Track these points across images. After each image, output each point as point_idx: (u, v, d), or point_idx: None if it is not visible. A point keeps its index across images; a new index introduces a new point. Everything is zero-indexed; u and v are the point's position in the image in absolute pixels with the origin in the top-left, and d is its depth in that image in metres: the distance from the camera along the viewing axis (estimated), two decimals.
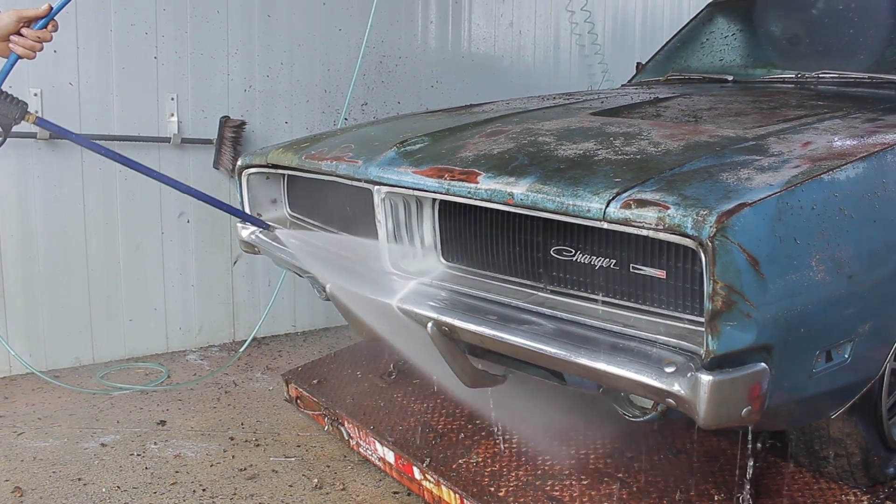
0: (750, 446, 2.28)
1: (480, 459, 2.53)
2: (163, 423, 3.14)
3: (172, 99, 3.75)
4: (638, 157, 1.83)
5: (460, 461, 2.53)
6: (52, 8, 2.13)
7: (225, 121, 3.84)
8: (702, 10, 3.75)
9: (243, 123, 3.87)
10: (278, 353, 4.01)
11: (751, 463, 2.22)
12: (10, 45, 2.06)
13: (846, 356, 1.76)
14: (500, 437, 2.63)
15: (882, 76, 2.79)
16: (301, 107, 4.13)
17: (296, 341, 4.20)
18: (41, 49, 2.12)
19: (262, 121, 4.00)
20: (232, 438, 3.02)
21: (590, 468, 2.42)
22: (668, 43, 3.75)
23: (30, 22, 2.06)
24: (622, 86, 3.67)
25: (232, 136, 3.84)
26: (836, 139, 1.92)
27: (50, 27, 2.10)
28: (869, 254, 1.73)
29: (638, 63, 3.80)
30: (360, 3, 4.13)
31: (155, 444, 2.95)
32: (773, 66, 3.20)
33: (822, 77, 2.93)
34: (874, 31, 3.05)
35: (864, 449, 2.10)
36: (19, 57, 2.09)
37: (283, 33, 4.04)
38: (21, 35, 2.06)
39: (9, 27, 2.04)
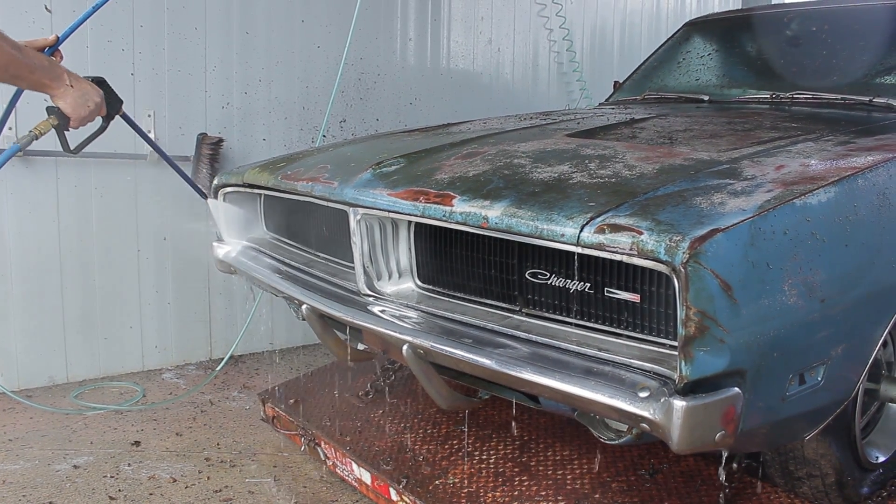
0: (725, 467, 2.30)
1: (457, 480, 2.51)
2: (137, 443, 3.10)
3: (149, 115, 3.73)
4: (612, 180, 1.84)
5: (437, 482, 2.52)
6: (59, 38, 2.27)
7: (202, 138, 3.82)
8: (679, 30, 3.79)
9: (221, 140, 3.85)
10: (255, 371, 3.98)
11: (725, 482, 2.24)
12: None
13: (819, 379, 1.76)
14: (478, 458, 2.62)
15: (854, 97, 2.83)
16: (279, 124, 4.11)
17: (273, 359, 4.17)
18: None
19: (240, 138, 3.99)
20: (207, 459, 2.99)
21: (567, 489, 2.41)
22: (645, 62, 3.78)
23: (39, 51, 2.13)
24: (599, 105, 3.70)
25: (209, 153, 3.81)
26: (808, 162, 1.93)
27: (57, 57, 2.21)
28: (841, 277, 1.74)
29: (615, 82, 3.82)
30: (339, 21, 4.13)
31: (129, 465, 2.91)
32: (748, 86, 3.23)
33: (797, 98, 2.97)
34: (846, 54, 3.09)
35: (837, 469, 2.10)
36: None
37: (262, 50, 4.03)
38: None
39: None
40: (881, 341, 1.95)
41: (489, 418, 2.86)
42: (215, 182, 2.80)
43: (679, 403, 1.49)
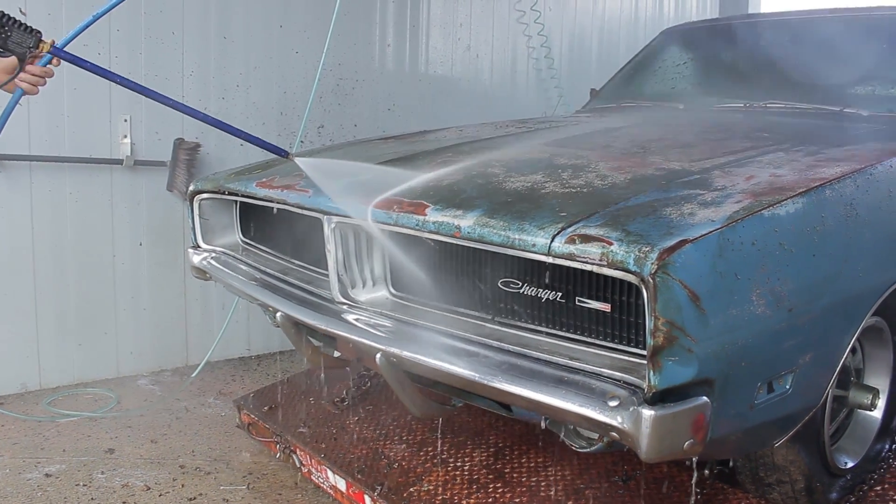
0: (697, 473, 2.32)
1: (432, 487, 2.52)
2: (111, 451, 3.08)
3: (126, 120, 3.71)
4: (585, 190, 1.85)
5: (412, 489, 2.52)
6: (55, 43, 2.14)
7: (179, 143, 3.81)
8: (656, 38, 3.82)
9: (198, 146, 3.84)
10: (231, 377, 3.97)
11: (697, 489, 2.26)
12: (17, 81, 2.07)
13: (787, 387, 1.78)
14: (452, 465, 2.63)
15: (825, 107, 2.87)
16: (257, 129, 4.09)
17: (249, 365, 4.15)
18: (44, 84, 2.13)
19: (217, 143, 3.97)
20: (182, 466, 2.98)
21: (541, 496, 2.42)
22: (622, 70, 3.80)
23: (34, 58, 2.08)
24: (576, 112, 3.72)
25: (186, 158, 3.80)
26: (778, 173, 1.95)
27: (54, 62, 2.12)
28: (809, 287, 1.76)
29: (592, 89, 3.84)
30: (317, 26, 4.13)
31: (102, 473, 2.89)
32: (723, 95, 3.26)
33: (770, 107, 3.00)
34: (819, 64, 3.12)
35: (806, 476, 2.12)
36: (24, 92, 2.09)
37: (240, 55, 4.02)
38: (25, 71, 2.06)
39: (14, 63, 2.06)
40: (849, 348, 1.97)
41: (464, 425, 2.87)
42: (190, 188, 2.79)
43: (647, 413, 1.50)
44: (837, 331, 1.91)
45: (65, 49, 2.14)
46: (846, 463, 2.29)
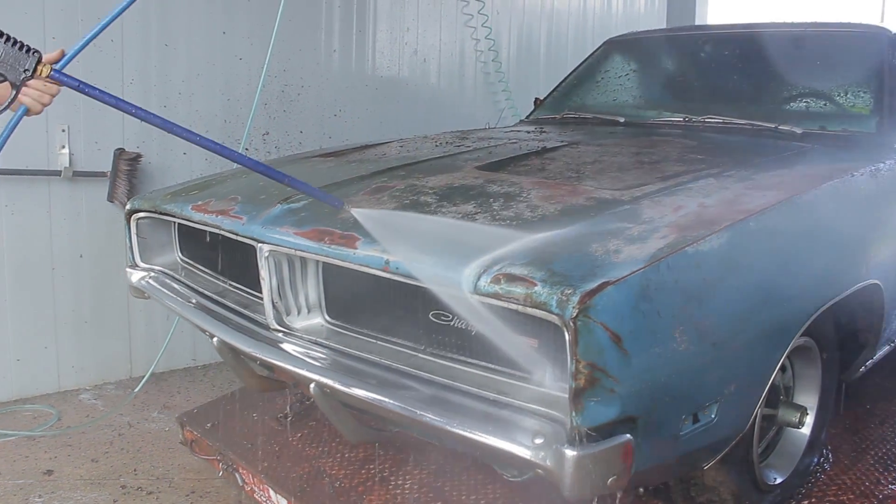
0: (633, 491, 2.35)
1: None
2: (50, 472, 3.04)
3: (63, 130, 3.65)
4: (514, 223, 1.86)
5: None
6: (64, 53, 1.92)
7: (120, 153, 3.75)
8: (599, 47, 3.83)
9: (139, 156, 3.79)
10: (177, 389, 3.93)
11: None
12: (21, 96, 1.86)
13: (713, 416, 1.81)
14: (394, 483, 2.63)
15: (761, 124, 2.91)
16: None
17: (195, 376, 4.12)
18: (48, 102, 1.92)
19: (160, 152, 3.92)
20: (123, 487, 2.95)
21: None
22: (565, 79, 3.82)
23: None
24: (520, 122, 3.73)
25: (127, 168, 3.74)
26: (707, 202, 1.97)
27: (47, 70, 1.85)
28: (732, 320, 1.79)
29: (536, 98, 3.86)
30: (261, 33, 4.08)
31: (39, 497, 2.85)
32: (663, 108, 3.29)
33: (708, 122, 3.04)
34: (757, 79, 3.18)
35: (735, 495, 2.17)
36: (28, 109, 1.88)
37: (182, 62, 3.97)
38: (27, 86, 1.85)
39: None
40: (778, 368, 2.01)
41: (408, 440, 2.87)
42: (126, 207, 2.75)
43: (570, 453, 1.52)
44: (763, 358, 1.95)
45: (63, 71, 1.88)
46: (775, 479, 2.34)
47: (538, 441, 1.59)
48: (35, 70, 1.82)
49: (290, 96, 4.33)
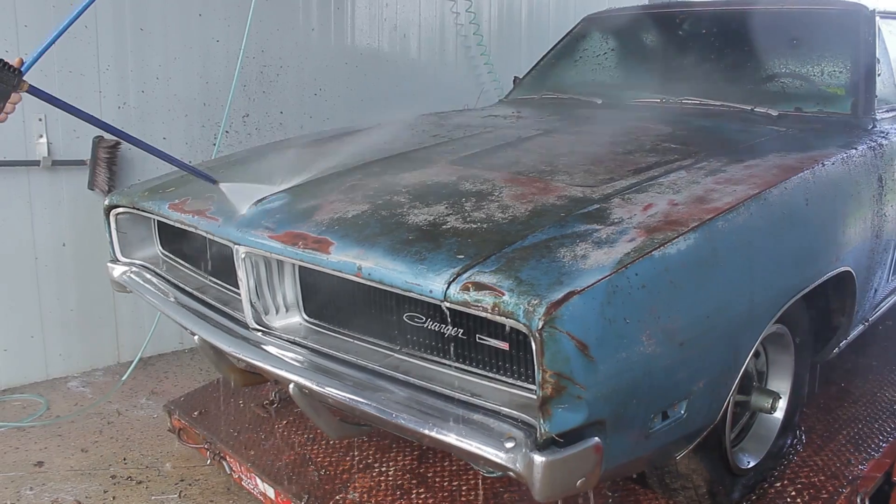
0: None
1: (357, 496, 2.57)
2: (40, 463, 3.07)
3: (40, 120, 3.62)
4: (484, 226, 1.88)
5: (338, 497, 2.57)
6: (23, 62, 2.00)
7: (98, 141, 3.73)
8: (577, 24, 3.81)
9: (118, 143, 3.77)
10: (164, 374, 3.96)
11: (609, 492, 2.35)
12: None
13: (682, 412, 1.85)
14: (378, 470, 2.68)
15: (737, 106, 2.92)
16: (179, 121, 4.04)
17: (183, 359, 4.14)
18: (13, 111, 1.98)
19: (140, 138, 3.88)
20: (113, 477, 2.99)
21: (461, 500, 2.49)
22: (544, 57, 3.80)
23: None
24: (499, 101, 3.72)
25: (107, 156, 3.73)
26: (676, 200, 1.99)
27: (23, 86, 1.96)
28: (699, 319, 1.81)
29: (515, 77, 3.84)
30: (238, 14, 4.04)
31: (31, 489, 2.89)
32: (640, 88, 3.29)
33: (685, 104, 3.05)
34: (734, 60, 3.18)
35: (708, 481, 2.22)
36: None
37: (158, 47, 3.93)
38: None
39: None
40: (750, 356, 2.04)
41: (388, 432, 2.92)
42: (105, 203, 2.75)
43: (539, 459, 1.56)
44: (733, 351, 1.98)
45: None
46: (748, 462, 2.39)
47: (509, 445, 1.63)
48: (19, 84, 1.92)
49: (270, 77, 4.31)
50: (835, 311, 2.61)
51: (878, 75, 2.90)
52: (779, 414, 2.44)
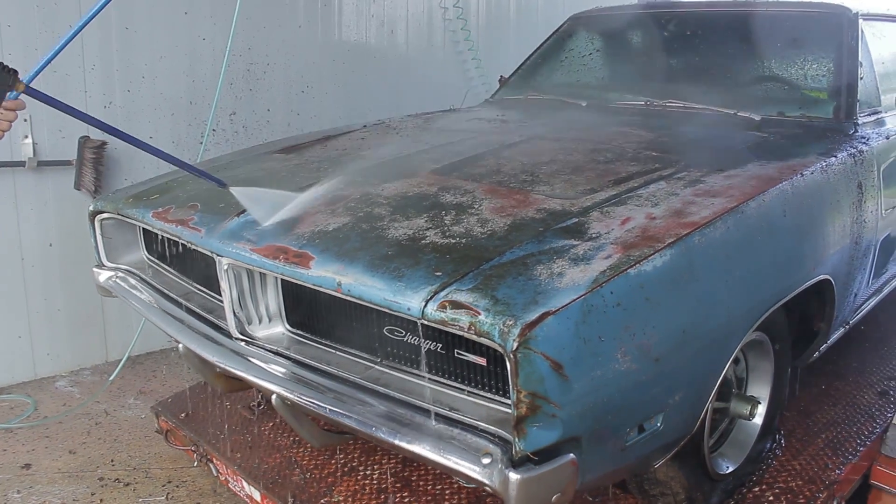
0: None
1: (342, 499, 2.60)
2: (28, 466, 3.09)
3: (25, 120, 3.62)
4: (463, 241, 1.89)
5: (322, 500, 2.60)
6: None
7: (84, 141, 3.73)
8: (563, 24, 3.81)
9: (104, 143, 3.77)
10: (153, 373, 3.98)
11: (590, 496, 2.38)
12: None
13: (659, 424, 1.87)
14: (362, 473, 2.71)
15: (721, 110, 2.93)
16: (166, 120, 4.04)
17: (171, 357, 4.16)
18: (14, 119, 2.01)
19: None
20: (101, 479, 3.01)
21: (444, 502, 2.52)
22: (531, 56, 3.80)
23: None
24: (485, 102, 3.73)
25: (93, 156, 3.73)
26: (654, 213, 2.00)
27: (21, 87, 1.97)
28: (675, 334, 1.83)
29: (501, 77, 3.84)
30: (224, 11, 4.03)
31: (18, 492, 2.91)
32: (625, 90, 3.30)
33: (669, 107, 3.06)
34: (719, 62, 3.19)
35: (686, 488, 2.24)
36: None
37: (144, 46, 3.92)
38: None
39: None
40: (730, 362, 2.07)
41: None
42: (90, 208, 2.76)
43: (514, 476, 1.58)
44: (710, 363, 2.00)
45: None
46: (727, 468, 2.42)
47: (485, 461, 1.65)
48: (14, 85, 1.92)
49: (256, 75, 4.30)
50: (814, 316, 2.63)
51: (861, 79, 2.91)
52: (758, 419, 2.47)
